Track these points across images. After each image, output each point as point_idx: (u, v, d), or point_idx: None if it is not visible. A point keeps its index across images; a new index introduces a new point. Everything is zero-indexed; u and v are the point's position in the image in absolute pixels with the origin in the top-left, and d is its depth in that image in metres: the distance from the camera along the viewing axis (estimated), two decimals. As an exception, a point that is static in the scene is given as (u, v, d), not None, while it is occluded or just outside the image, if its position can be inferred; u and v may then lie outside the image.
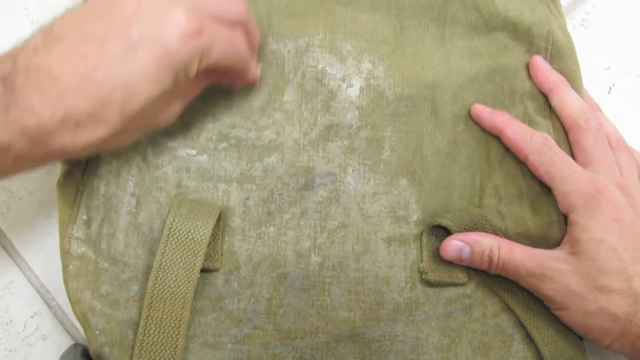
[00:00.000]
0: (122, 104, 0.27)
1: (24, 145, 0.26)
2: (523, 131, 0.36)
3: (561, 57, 0.38)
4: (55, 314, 0.37)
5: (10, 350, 0.36)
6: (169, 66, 0.27)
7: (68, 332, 0.37)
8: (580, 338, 0.34)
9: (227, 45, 0.30)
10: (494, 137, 0.37)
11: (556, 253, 0.33)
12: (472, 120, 0.37)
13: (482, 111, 0.37)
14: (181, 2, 0.28)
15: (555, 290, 0.32)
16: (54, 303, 0.37)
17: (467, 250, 0.34)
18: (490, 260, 0.33)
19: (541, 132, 0.36)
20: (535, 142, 0.35)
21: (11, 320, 0.37)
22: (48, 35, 0.27)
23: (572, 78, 0.38)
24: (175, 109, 0.31)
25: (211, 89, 0.34)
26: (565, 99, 0.37)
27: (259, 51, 0.36)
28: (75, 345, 0.35)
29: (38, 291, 0.37)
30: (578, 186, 0.33)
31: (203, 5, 0.29)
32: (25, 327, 0.37)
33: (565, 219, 0.35)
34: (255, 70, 0.34)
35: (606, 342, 0.32)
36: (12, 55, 0.27)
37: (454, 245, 0.34)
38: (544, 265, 0.32)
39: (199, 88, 0.33)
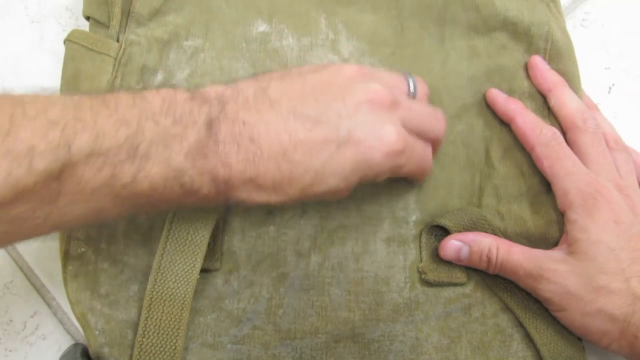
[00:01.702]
0: (306, 186, 0.28)
1: (209, 190, 0.27)
2: (533, 122, 0.36)
3: (560, 58, 0.38)
4: (55, 314, 0.37)
5: (10, 350, 0.36)
6: (363, 173, 0.29)
7: (68, 332, 0.37)
8: (580, 338, 0.34)
9: (418, 163, 0.31)
10: (494, 137, 0.37)
11: (554, 253, 0.33)
12: (472, 120, 0.37)
13: (498, 96, 0.37)
14: (396, 117, 0.29)
15: (553, 292, 0.32)
16: (54, 303, 0.37)
17: (465, 250, 0.34)
18: (489, 260, 0.33)
19: (551, 126, 0.36)
20: (545, 135, 0.35)
21: (11, 320, 0.37)
22: (261, 94, 0.28)
23: (571, 78, 0.38)
24: (344, 194, 0.30)
25: None
26: (563, 99, 0.37)
27: (261, 49, 0.36)
28: (75, 345, 0.35)
29: (38, 291, 0.37)
30: (579, 185, 0.33)
31: (412, 120, 0.30)
32: (25, 326, 0.37)
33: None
34: (429, 170, 0.34)
35: (605, 343, 0.32)
36: (222, 99, 0.28)
37: (452, 245, 0.34)
38: (541, 266, 0.32)
39: None
